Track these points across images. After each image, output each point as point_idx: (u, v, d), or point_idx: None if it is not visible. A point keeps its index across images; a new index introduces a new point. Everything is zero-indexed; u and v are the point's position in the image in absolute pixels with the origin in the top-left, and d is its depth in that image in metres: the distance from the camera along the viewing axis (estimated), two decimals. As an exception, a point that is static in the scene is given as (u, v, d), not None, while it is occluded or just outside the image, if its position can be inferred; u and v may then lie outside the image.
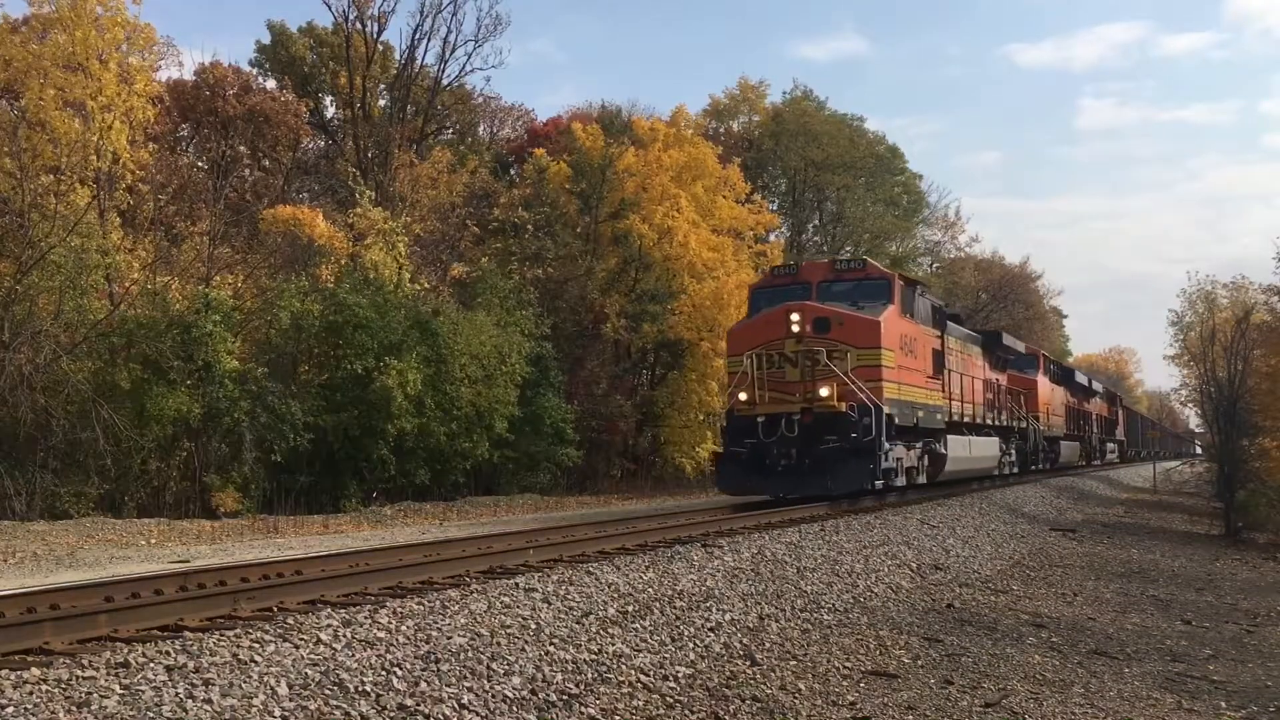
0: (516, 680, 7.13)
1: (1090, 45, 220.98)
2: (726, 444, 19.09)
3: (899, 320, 19.73)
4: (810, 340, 18.44)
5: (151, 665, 6.12)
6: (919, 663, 9.89)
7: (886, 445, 18.24)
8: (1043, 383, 35.53)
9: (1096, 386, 51.39)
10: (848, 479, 17.88)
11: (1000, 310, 62.01)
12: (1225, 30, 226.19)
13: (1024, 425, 31.67)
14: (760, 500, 19.40)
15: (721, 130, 52.09)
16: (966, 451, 23.94)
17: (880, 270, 20.77)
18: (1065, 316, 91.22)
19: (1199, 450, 52.83)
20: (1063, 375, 42.32)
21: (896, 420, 18.84)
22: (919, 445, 20.84)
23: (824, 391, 17.96)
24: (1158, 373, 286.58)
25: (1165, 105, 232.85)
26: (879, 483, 18.21)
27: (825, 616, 11.15)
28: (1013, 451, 29.90)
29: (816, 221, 54.73)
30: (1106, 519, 28.47)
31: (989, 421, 26.75)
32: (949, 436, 22.43)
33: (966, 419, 24.45)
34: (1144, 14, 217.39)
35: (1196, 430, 60.32)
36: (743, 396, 18.63)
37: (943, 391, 22.16)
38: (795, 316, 18.55)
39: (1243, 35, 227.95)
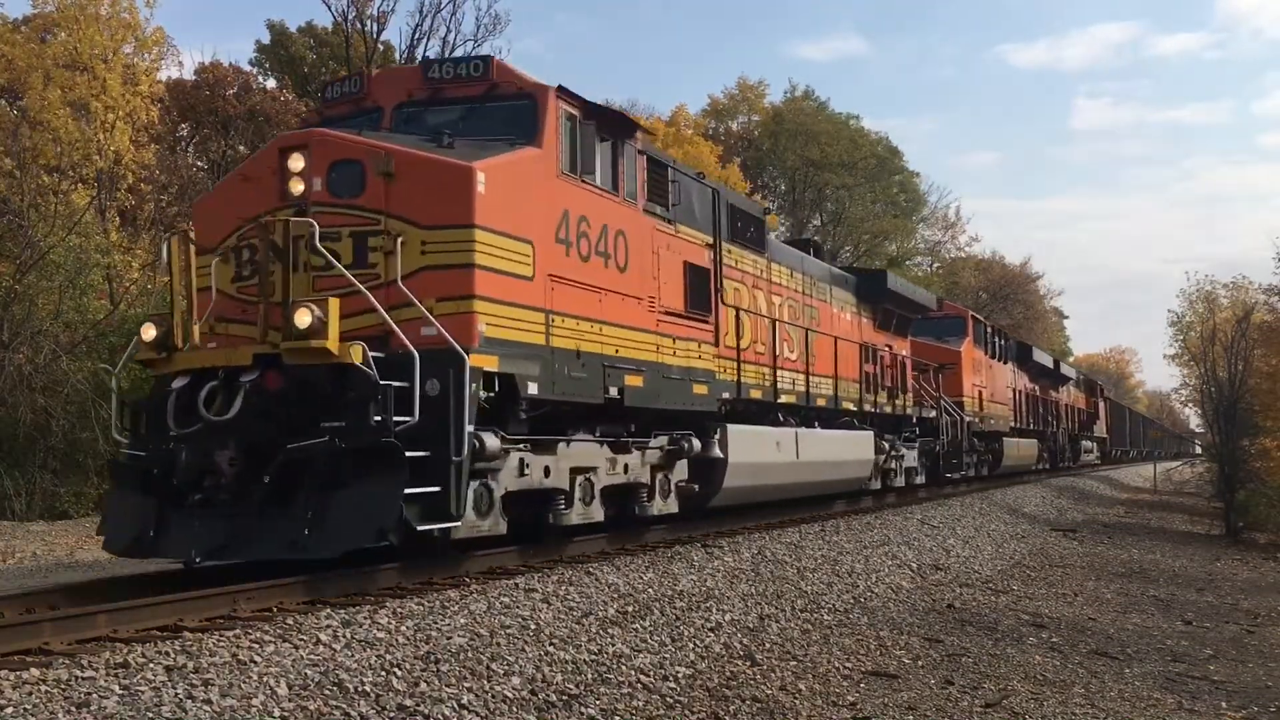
0: (516, 680, 7.12)
1: (1083, 45, 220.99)
2: (125, 446, 9.35)
3: (559, 183, 10.13)
4: (324, 211, 8.90)
5: (151, 666, 6.11)
6: (919, 663, 9.88)
7: (494, 441, 8.98)
8: (972, 355, 26.74)
9: (1068, 372, 43.94)
10: (352, 522, 8.14)
11: (1000, 310, 62.08)
12: (1218, 30, 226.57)
13: (934, 414, 22.94)
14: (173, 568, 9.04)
15: (721, 130, 52.21)
16: (786, 454, 14.73)
17: (520, 79, 10.34)
18: (1066, 317, 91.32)
19: (1198, 450, 52.65)
20: (1012, 351, 32.93)
21: (533, 387, 9.56)
22: (656, 445, 11.87)
23: (302, 320, 8.23)
24: (1158, 373, 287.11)
25: (1159, 105, 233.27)
26: (455, 524, 8.53)
27: (825, 617, 11.15)
28: (907, 451, 21.15)
29: (817, 221, 54.81)
30: (1107, 519, 28.49)
31: (857, 406, 18.33)
32: (732, 428, 13.13)
33: (795, 398, 15.65)
34: (1136, 14, 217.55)
35: (1197, 430, 60.35)
36: (148, 334, 9.07)
37: (718, 343, 13.11)
38: (296, 163, 9.00)
39: (1235, 35, 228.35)
